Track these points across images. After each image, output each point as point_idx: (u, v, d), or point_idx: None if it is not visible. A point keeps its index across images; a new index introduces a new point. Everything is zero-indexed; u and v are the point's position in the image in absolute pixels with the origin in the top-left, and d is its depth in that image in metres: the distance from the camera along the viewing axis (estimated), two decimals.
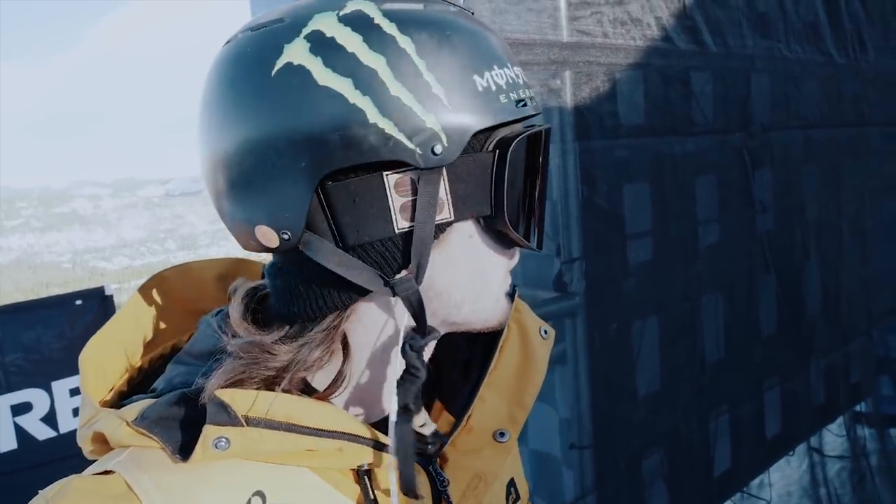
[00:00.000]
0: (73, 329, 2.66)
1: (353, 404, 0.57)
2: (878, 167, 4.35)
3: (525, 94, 0.55)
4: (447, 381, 0.63)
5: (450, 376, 0.63)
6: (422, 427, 0.58)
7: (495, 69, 0.53)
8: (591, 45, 2.03)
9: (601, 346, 2.66)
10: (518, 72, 0.56)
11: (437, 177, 0.51)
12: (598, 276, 2.56)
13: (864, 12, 3.75)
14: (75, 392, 2.53)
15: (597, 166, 2.40)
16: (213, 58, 0.54)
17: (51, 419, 2.45)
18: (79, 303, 2.67)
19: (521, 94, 0.55)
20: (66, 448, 2.47)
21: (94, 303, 2.71)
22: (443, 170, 0.51)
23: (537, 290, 2.49)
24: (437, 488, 0.58)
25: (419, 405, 0.55)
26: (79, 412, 0.56)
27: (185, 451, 0.48)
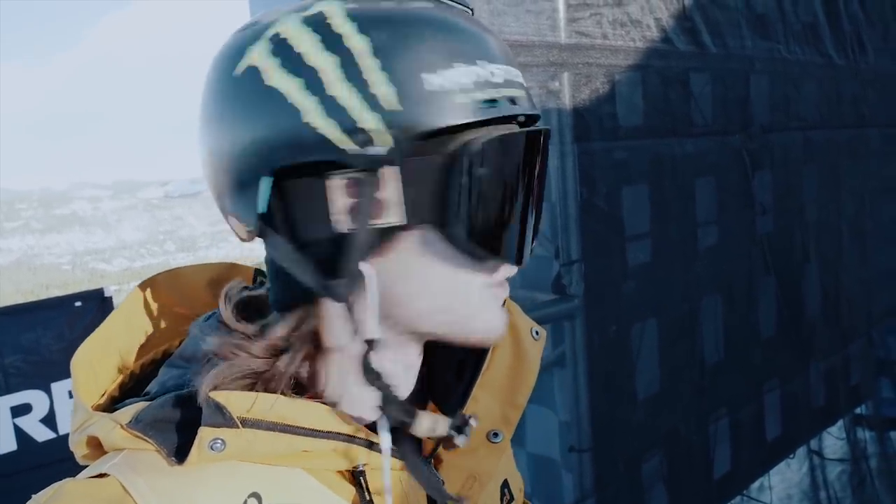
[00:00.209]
0: (73, 331, 2.66)
1: (347, 405, 0.56)
2: (878, 168, 4.35)
3: (503, 93, 0.52)
4: (440, 382, 0.63)
5: (443, 377, 0.63)
6: (432, 427, 0.55)
7: (459, 66, 0.50)
8: (590, 46, 2.02)
9: (600, 348, 2.65)
10: (499, 70, 0.53)
11: (378, 179, 0.50)
12: (597, 278, 2.55)
13: (863, 13, 3.75)
14: None
15: (596, 168, 2.40)
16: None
17: (50, 420, 2.45)
18: (78, 304, 2.67)
19: (494, 93, 0.51)
20: (66, 449, 2.45)
21: (94, 304, 2.71)
22: (395, 172, 0.50)
23: (536, 293, 2.49)
24: None
25: (409, 410, 0.53)
26: (71, 417, 0.56)
27: (180, 453, 0.48)
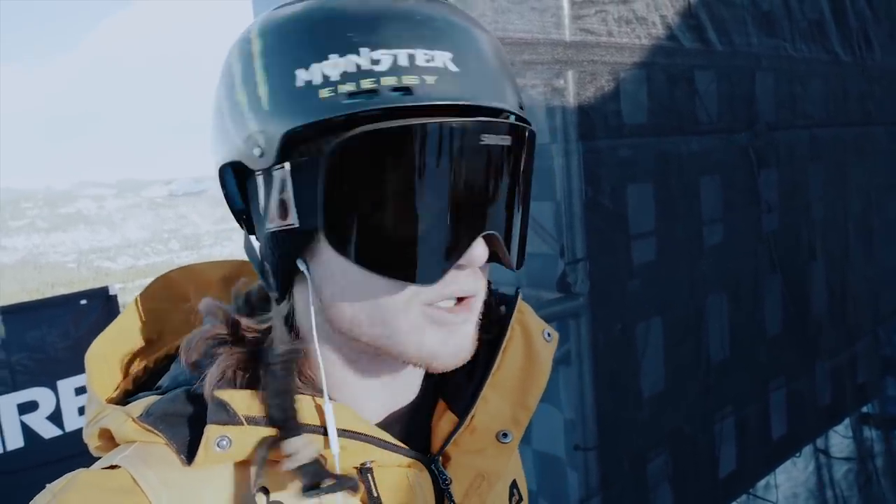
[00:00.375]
0: (78, 328, 2.67)
1: (349, 401, 0.56)
2: (885, 166, 4.33)
3: (388, 82, 0.46)
4: (451, 382, 0.62)
5: (454, 376, 0.62)
6: (297, 450, 0.50)
7: (332, 57, 0.47)
8: (595, 44, 2.01)
9: (605, 346, 2.65)
10: (388, 55, 0.47)
11: (274, 181, 0.50)
12: (602, 276, 2.55)
13: (870, 10, 3.73)
14: (81, 391, 2.55)
15: (601, 166, 2.39)
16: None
17: (56, 418, 2.47)
18: (83, 302, 2.69)
19: (369, 83, 0.46)
20: (72, 446, 2.48)
21: (99, 302, 2.73)
22: (285, 173, 0.49)
23: (541, 291, 2.48)
24: (439, 487, 0.58)
25: (290, 426, 0.49)
26: (85, 410, 0.56)
27: (189, 449, 0.49)
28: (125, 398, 0.58)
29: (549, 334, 0.67)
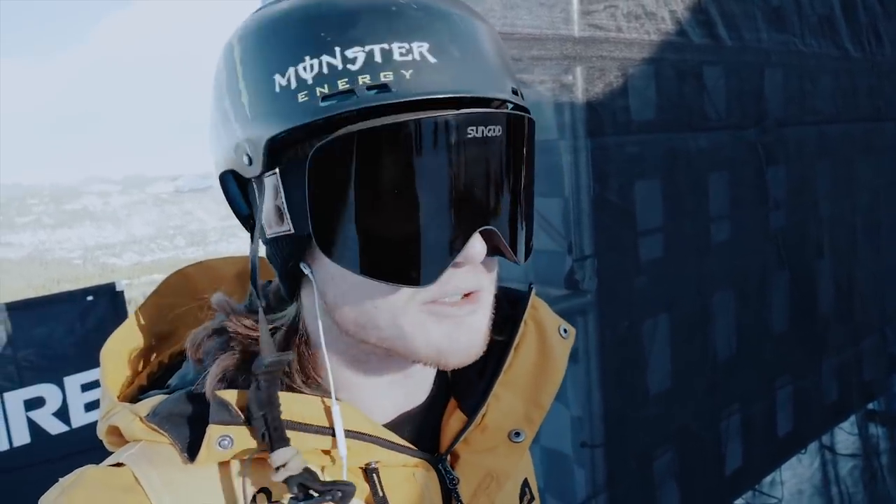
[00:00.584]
0: (85, 325, 2.68)
1: (357, 402, 0.56)
2: (893, 162, 4.30)
3: (363, 80, 0.44)
4: (463, 379, 0.62)
5: (466, 374, 0.61)
6: (284, 460, 0.49)
7: (307, 60, 0.46)
8: (604, 39, 2.00)
9: (613, 343, 2.64)
10: (362, 53, 0.45)
11: (264, 188, 0.50)
12: (610, 273, 2.54)
13: (880, 6, 3.70)
14: (87, 387, 2.56)
15: (609, 163, 2.38)
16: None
17: (63, 414, 2.47)
18: (90, 299, 2.69)
19: (345, 84, 0.45)
20: (79, 442, 2.49)
21: (105, 299, 2.73)
22: (275, 180, 0.49)
23: (548, 288, 2.48)
24: (446, 486, 0.57)
25: (279, 435, 0.49)
26: (98, 405, 0.57)
27: (192, 449, 0.49)
28: (139, 394, 0.58)
29: (565, 330, 0.66)
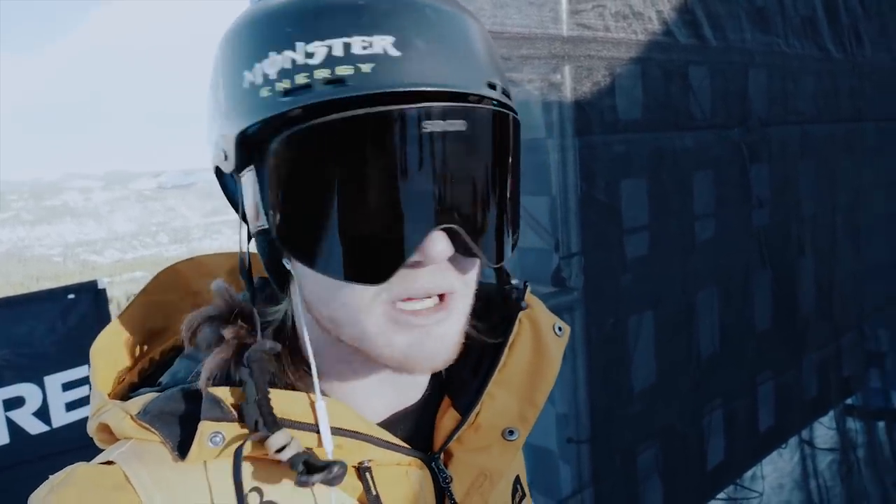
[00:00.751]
0: (66, 323, 2.64)
1: (350, 400, 0.55)
2: (873, 162, 4.37)
3: (321, 75, 0.44)
4: (457, 378, 0.61)
5: (460, 373, 0.61)
6: (282, 446, 0.49)
7: (270, 56, 0.46)
8: (592, 39, 2.01)
9: (599, 340, 2.66)
10: (323, 47, 0.44)
11: (241, 185, 0.51)
12: (596, 271, 2.55)
13: (861, 7, 3.75)
14: (68, 386, 2.52)
15: (596, 161, 2.39)
16: None
17: (43, 414, 2.43)
18: (71, 297, 2.65)
19: (304, 78, 0.44)
20: (60, 443, 2.45)
21: (88, 296, 2.69)
22: (251, 177, 0.49)
23: (535, 285, 2.46)
24: (439, 485, 0.57)
25: (270, 420, 0.49)
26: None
27: (183, 447, 0.49)
28: (130, 392, 0.57)
29: (559, 328, 0.66)
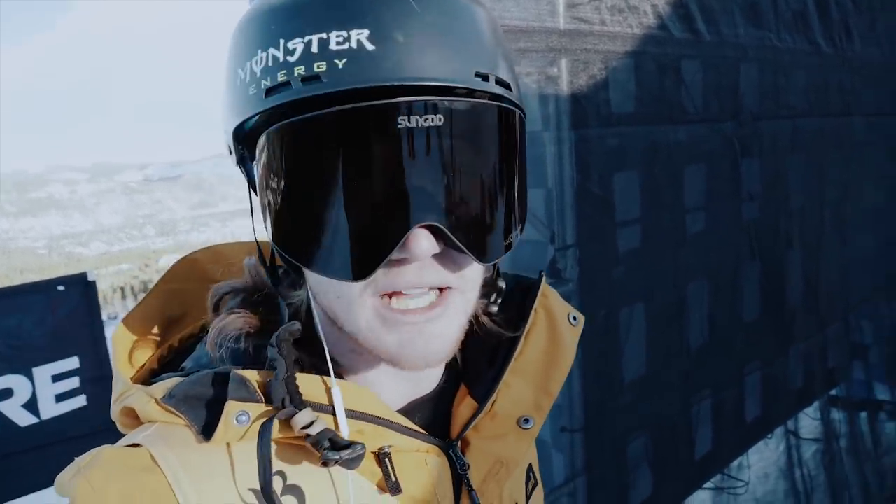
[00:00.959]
0: (56, 315, 2.61)
1: (371, 385, 0.56)
2: (861, 156, 4.42)
3: (298, 72, 0.44)
4: (473, 367, 0.63)
5: (476, 362, 0.62)
6: (306, 423, 0.50)
7: (258, 53, 0.46)
8: (588, 32, 2.02)
9: (593, 332, 2.68)
10: (301, 44, 0.44)
11: (252, 179, 0.52)
12: (590, 262, 2.58)
13: (851, 2, 3.77)
14: (57, 378, 2.50)
15: (591, 154, 2.40)
16: None
17: (32, 405, 2.42)
18: (61, 289, 2.63)
19: (283, 76, 0.44)
20: (49, 434, 2.44)
21: (77, 289, 2.67)
22: (254, 171, 0.50)
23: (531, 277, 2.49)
24: (457, 472, 0.58)
25: (296, 398, 0.49)
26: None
27: (208, 429, 0.50)
28: (150, 377, 0.58)
29: (574, 318, 0.67)
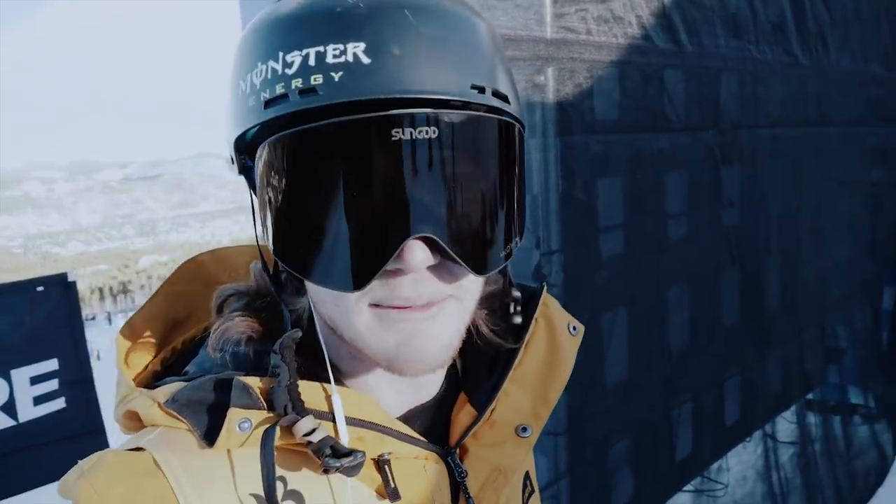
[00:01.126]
0: (34, 316, 2.57)
1: (373, 393, 0.57)
2: (836, 165, 4.52)
3: (295, 84, 0.44)
4: (473, 374, 0.63)
5: (476, 370, 0.63)
6: (308, 430, 0.50)
7: (258, 66, 0.47)
8: (574, 41, 2.05)
9: None
10: (299, 56, 0.44)
11: (253, 187, 0.53)
12: (574, 268, 2.60)
13: (827, 15, 3.86)
14: (36, 380, 2.46)
15: (575, 161, 2.44)
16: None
17: (10, 408, 2.38)
18: (40, 289, 2.59)
19: (281, 88, 0.45)
20: (27, 437, 2.40)
21: (57, 290, 2.63)
22: (254, 180, 0.51)
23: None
24: (455, 480, 0.58)
25: (298, 405, 0.50)
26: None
27: (210, 434, 0.50)
28: (154, 379, 0.59)
29: (574, 328, 0.68)
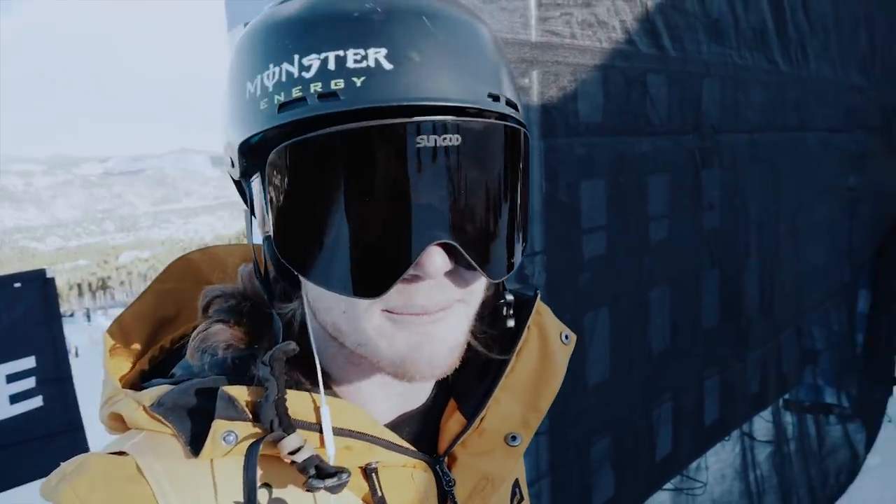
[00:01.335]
0: (11, 313, 2.53)
1: (360, 402, 0.57)
2: (813, 170, 4.62)
3: (314, 88, 0.44)
4: (463, 382, 0.62)
5: (466, 377, 0.62)
6: (295, 448, 0.50)
7: (270, 67, 0.46)
8: (559, 45, 2.07)
9: None
10: (318, 60, 0.44)
11: (252, 192, 0.52)
12: (557, 269, 2.62)
13: (807, 23, 3.94)
14: (12, 378, 2.42)
15: (559, 163, 2.46)
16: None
17: None
18: (17, 286, 2.55)
19: (298, 91, 0.44)
20: (3, 436, 2.35)
21: (35, 286, 2.58)
22: (257, 184, 0.50)
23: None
24: (442, 488, 0.58)
25: (285, 421, 0.49)
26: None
27: (195, 442, 0.50)
28: (141, 379, 0.58)
29: (566, 336, 0.67)
